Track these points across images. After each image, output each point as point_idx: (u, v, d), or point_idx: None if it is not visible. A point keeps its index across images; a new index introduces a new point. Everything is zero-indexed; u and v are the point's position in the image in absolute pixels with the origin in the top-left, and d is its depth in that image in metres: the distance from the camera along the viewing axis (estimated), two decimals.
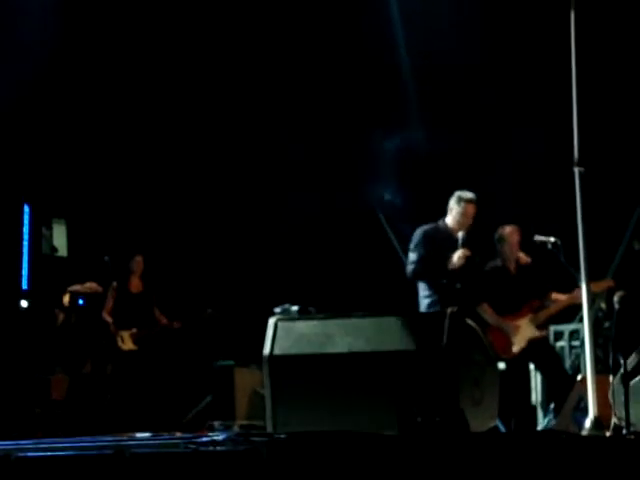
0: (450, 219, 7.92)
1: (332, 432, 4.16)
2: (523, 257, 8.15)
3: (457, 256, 7.66)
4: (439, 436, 4.44)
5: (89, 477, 4.44)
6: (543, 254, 7.93)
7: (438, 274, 7.71)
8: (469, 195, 7.90)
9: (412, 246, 7.86)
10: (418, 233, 7.90)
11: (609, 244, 8.10)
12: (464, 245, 7.75)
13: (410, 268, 7.79)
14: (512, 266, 8.11)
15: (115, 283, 9.63)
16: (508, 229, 8.13)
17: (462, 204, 7.86)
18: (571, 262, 7.59)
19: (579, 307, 6.80)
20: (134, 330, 9.48)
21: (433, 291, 7.74)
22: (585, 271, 6.08)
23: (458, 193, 7.93)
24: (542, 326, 8.06)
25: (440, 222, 7.97)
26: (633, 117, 9.36)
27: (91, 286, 9.61)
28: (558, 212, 7.70)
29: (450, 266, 7.69)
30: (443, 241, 7.83)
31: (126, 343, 9.46)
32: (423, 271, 7.73)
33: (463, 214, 7.85)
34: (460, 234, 7.80)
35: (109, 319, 9.51)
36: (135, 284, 9.72)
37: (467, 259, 7.71)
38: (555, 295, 8.09)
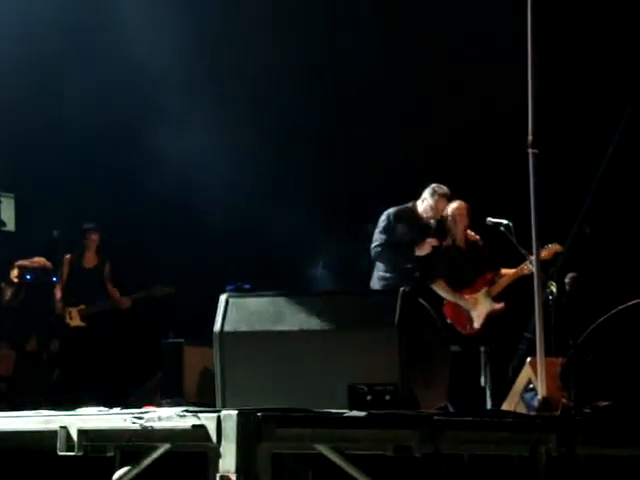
0: (421, 207, 7.98)
1: (282, 409, 4.13)
2: (471, 234, 8.22)
3: (426, 243, 7.74)
4: (391, 414, 4.43)
5: (35, 452, 4.38)
6: (495, 236, 7.99)
7: (403, 258, 7.75)
8: (443, 190, 7.98)
9: (379, 228, 7.89)
10: (386, 215, 7.93)
11: (561, 227, 8.16)
12: (435, 234, 7.85)
13: (376, 250, 7.82)
14: (462, 242, 8.17)
15: (69, 256, 9.52)
16: (454, 205, 8.17)
17: (435, 197, 7.96)
18: (523, 244, 7.65)
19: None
20: (82, 306, 9.39)
21: (393, 274, 7.77)
22: (537, 253, 6.10)
23: (434, 185, 8.01)
24: (497, 300, 8.16)
25: (410, 205, 8.02)
26: (588, 98, 9.41)
27: (39, 261, 9.49)
28: (510, 194, 7.74)
29: (417, 251, 7.76)
30: (410, 224, 7.88)
31: (74, 319, 9.37)
32: (388, 254, 7.76)
33: (434, 207, 7.95)
34: (433, 224, 7.91)
35: (59, 294, 9.41)
36: (89, 258, 9.61)
37: (434, 248, 7.81)
38: (504, 270, 8.19)
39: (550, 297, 7.37)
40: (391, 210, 7.97)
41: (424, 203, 7.96)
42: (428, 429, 4.25)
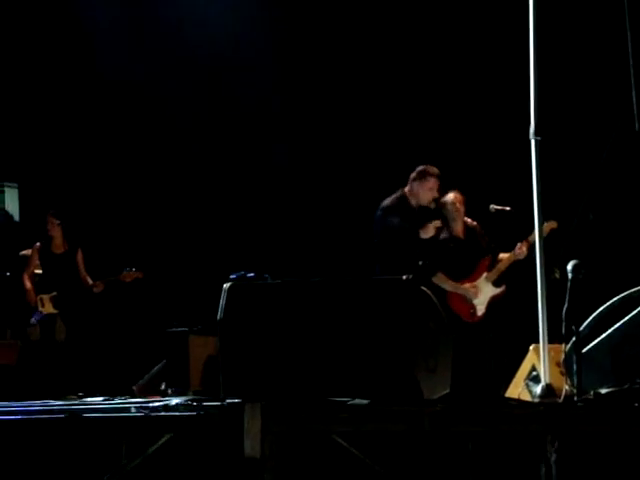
0: (412, 192, 7.95)
1: (286, 397, 4.15)
2: (469, 221, 8.23)
3: (430, 226, 7.76)
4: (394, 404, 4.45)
5: (41, 441, 4.40)
6: (498, 223, 8.00)
7: (405, 248, 7.75)
8: (432, 169, 7.96)
9: (377, 223, 7.88)
10: (380, 209, 7.92)
11: (564, 214, 8.16)
12: (436, 215, 7.85)
13: (378, 244, 7.82)
14: (460, 233, 8.17)
15: (38, 244, 9.50)
16: (450, 197, 8.17)
17: (426, 177, 7.92)
18: (526, 232, 7.66)
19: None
20: (54, 293, 9.35)
21: (396, 264, 7.75)
22: (540, 241, 6.12)
23: (421, 168, 7.99)
24: (498, 284, 8.17)
25: (399, 193, 8.01)
26: (591, 87, 9.40)
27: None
28: (514, 182, 7.74)
29: (422, 235, 7.78)
30: (406, 212, 7.88)
31: (46, 307, 9.34)
32: (390, 245, 7.76)
33: (428, 188, 7.92)
34: (432, 205, 7.91)
35: (28, 284, 9.39)
36: (58, 245, 9.53)
37: (437, 230, 7.83)
38: (502, 254, 8.22)
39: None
40: (384, 203, 7.98)
41: (416, 187, 7.96)
42: (430, 421, 4.26)
